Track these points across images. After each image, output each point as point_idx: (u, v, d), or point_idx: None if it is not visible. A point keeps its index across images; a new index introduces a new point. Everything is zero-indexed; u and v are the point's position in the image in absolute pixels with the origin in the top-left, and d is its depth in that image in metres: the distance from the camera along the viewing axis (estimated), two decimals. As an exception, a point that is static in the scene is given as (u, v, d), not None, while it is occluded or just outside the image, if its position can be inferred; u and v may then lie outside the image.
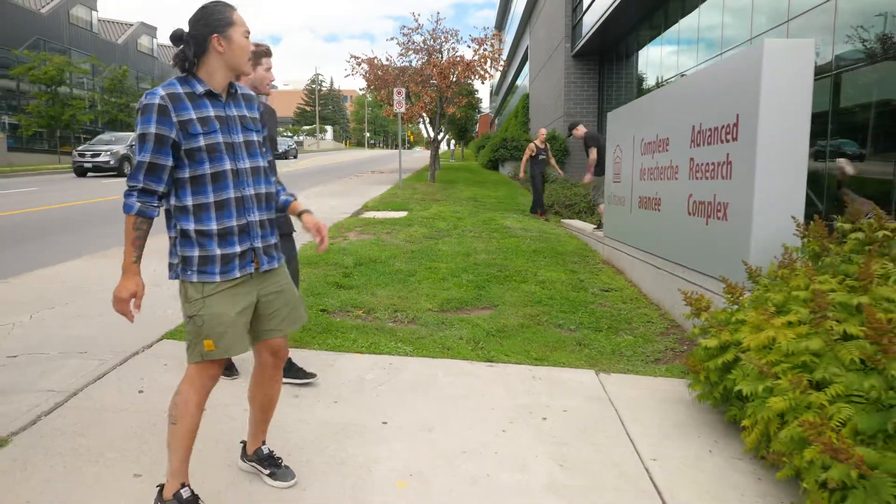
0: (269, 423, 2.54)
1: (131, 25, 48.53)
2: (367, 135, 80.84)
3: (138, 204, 2.08)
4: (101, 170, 22.35)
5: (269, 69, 3.31)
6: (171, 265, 2.21)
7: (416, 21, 18.10)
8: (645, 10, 14.89)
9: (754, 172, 3.88)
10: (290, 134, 72.52)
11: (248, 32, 2.20)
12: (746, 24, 9.64)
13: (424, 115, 18.94)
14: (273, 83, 3.38)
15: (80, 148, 23.60)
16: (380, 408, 3.24)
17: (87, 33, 41.02)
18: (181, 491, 2.20)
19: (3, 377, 3.44)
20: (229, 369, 3.55)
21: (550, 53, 22.73)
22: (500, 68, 18.57)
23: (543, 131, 12.75)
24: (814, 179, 7.37)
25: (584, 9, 18.39)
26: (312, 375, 3.53)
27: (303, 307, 2.48)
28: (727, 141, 4.25)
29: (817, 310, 2.58)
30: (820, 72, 7.40)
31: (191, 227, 2.13)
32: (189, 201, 2.13)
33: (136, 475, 2.52)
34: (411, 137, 59.27)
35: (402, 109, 16.26)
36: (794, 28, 8.05)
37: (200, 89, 2.15)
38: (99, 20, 43.28)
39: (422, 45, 18.20)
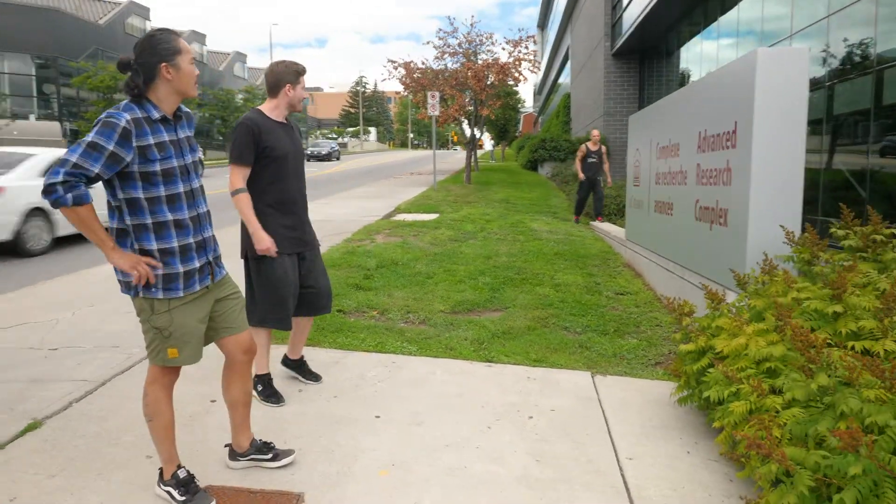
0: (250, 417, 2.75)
1: (182, 33, 50.25)
2: (411, 136, 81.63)
3: (91, 191, 2.15)
4: None
5: (304, 87, 3.40)
6: (125, 283, 2.31)
7: (452, 24, 18.39)
8: (685, 6, 14.74)
9: (750, 179, 3.96)
10: (334, 136, 73.86)
11: (194, 59, 2.35)
12: (787, 19, 9.52)
13: (461, 117, 19.15)
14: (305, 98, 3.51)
15: None
16: (375, 403, 3.46)
17: (142, 42, 42.74)
18: (177, 472, 2.46)
19: (44, 367, 3.81)
20: (276, 396, 3.42)
21: (590, 52, 22.66)
22: (536, 70, 18.65)
23: (596, 133, 11.85)
24: (861, 173, 7.29)
25: (624, 6, 18.30)
26: (318, 377, 3.75)
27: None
28: (727, 147, 4.32)
29: (781, 317, 2.67)
30: (863, 67, 7.30)
31: (153, 245, 2.27)
32: (149, 220, 2.26)
33: (147, 456, 2.79)
34: (455, 138, 59.63)
35: (436, 113, 16.52)
36: (833, 23, 7.94)
37: (156, 115, 2.25)
38: (152, 28, 45.04)
39: (457, 48, 18.43)
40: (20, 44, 33.91)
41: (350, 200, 14.41)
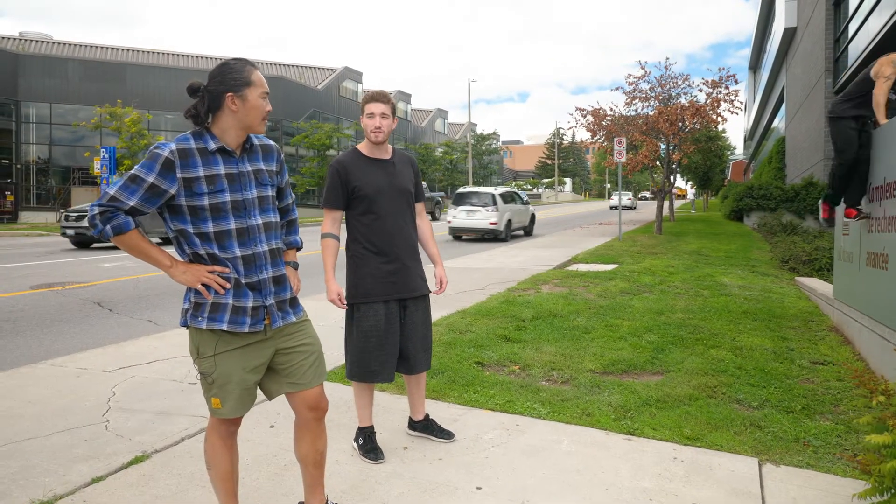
0: (324, 477, 2.52)
1: (390, 93, 54.99)
2: (608, 186, 79.73)
3: (131, 219, 2.07)
4: None
5: (370, 115, 3.10)
6: (183, 311, 2.22)
7: (643, 69, 17.56)
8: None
9: None
10: (529, 186, 74.85)
11: (266, 93, 2.17)
12: None
13: (649, 164, 18.13)
14: (379, 128, 3.11)
15: None
16: (482, 471, 3.07)
17: (354, 103, 47.36)
18: (234, 526, 2.30)
19: (176, 400, 4.00)
20: (374, 452, 3.19)
21: (808, 92, 20.41)
22: (735, 111, 17.09)
23: None
24: None
25: (850, 36, 16.20)
26: (449, 435, 3.44)
27: (323, 363, 2.40)
28: (955, 183, 3.35)
29: None
30: None
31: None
32: (202, 251, 2.14)
33: None
34: (656, 187, 56.90)
35: (623, 159, 15.78)
36: None
37: (213, 146, 2.12)
38: (363, 91, 49.77)
39: (649, 92, 17.58)
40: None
41: (528, 250, 14.16)
